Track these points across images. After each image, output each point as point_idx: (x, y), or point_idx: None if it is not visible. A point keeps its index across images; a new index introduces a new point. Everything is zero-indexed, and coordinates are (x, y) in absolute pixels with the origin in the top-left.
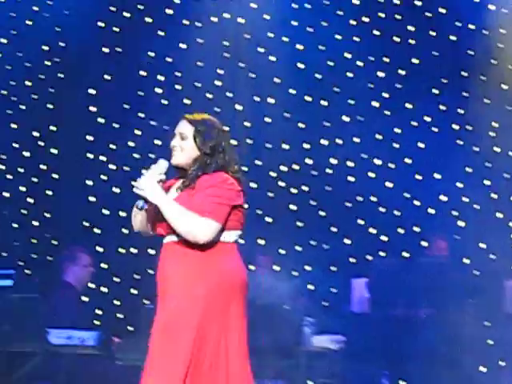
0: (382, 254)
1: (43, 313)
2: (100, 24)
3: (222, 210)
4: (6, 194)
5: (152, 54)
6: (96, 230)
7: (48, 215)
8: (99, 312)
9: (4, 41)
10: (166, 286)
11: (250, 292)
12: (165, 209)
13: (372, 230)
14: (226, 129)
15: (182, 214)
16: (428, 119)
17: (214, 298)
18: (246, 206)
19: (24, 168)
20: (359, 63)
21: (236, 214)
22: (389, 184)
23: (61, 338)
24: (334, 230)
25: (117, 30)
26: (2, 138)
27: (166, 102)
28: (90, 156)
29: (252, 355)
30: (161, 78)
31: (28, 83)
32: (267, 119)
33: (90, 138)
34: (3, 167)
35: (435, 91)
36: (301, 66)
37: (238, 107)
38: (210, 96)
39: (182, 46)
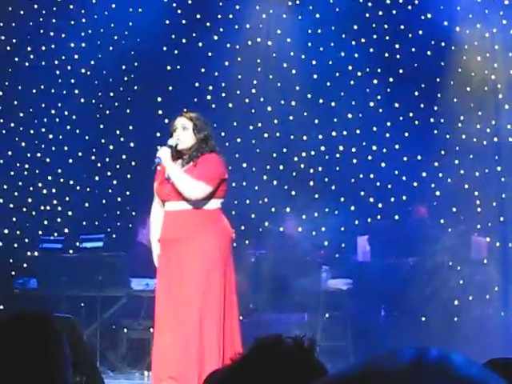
0: (378, 217)
1: (126, 266)
2: (164, 48)
3: (213, 178)
4: (96, 178)
5: (203, 70)
6: None
7: (128, 193)
8: None
9: (92, 62)
10: (175, 246)
11: (280, 247)
12: (171, 170)
13: (371, 199)
14: (209, 122)
15: (182, 175)
16: (411, 114)
17: (224, 249)
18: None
19: (109, 158)
20: (359, 73)
21: (224, 185)
22: (382, 164)
23: (140, 285)
24: (342, 199)
25: (176, 52)
26: (93, 136)
27: (214, 106)
28: (159, 148)
29: (283, 295)
30: (210, 87)
31: (111, 94)
32: (291, 117)
33: (158, 134)
34: (94, 157)
35: (416, 93)
36: (315, 76)
37: (269, 108)
38: (247, 100)
39: (226, 63)
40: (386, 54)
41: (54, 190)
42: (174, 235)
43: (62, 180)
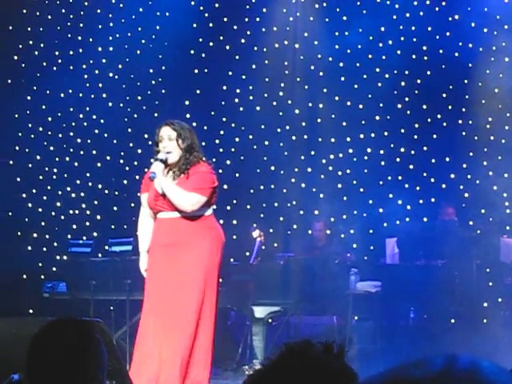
0: (407, 219)
1: None
2: (191, 51)
3: (206, 188)
4: (125, 182)
5: (230, 73)
6: None
7: None
8: None
9: (120, 66)
10: (171, 251)
11: (308, 250)
12: (164, 184)
13: (399, 202)
14: (192, 130)
15: (176, 189)
16: (439, 116)
17: (220, 254)
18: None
19: (138, 161)
20: (386, 75)
21: (215, 192)
22: (411, 166)
23: None
24: (370, 202)
25: (203, 55)
26: (121, 139)
27: (241, 109)
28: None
29: (312, 298)
30: (237, 90)
31: (139, 97)
32: (318, 120)
33: None
34: (122, 161)
35: (444, 95)
36: (342, 78)
37: (297, 111)
38: (274, 103)
39: (253, 66)
40: (414, 56)
41: (82, 194)
42: (169, 241)
43: (90, 184)
